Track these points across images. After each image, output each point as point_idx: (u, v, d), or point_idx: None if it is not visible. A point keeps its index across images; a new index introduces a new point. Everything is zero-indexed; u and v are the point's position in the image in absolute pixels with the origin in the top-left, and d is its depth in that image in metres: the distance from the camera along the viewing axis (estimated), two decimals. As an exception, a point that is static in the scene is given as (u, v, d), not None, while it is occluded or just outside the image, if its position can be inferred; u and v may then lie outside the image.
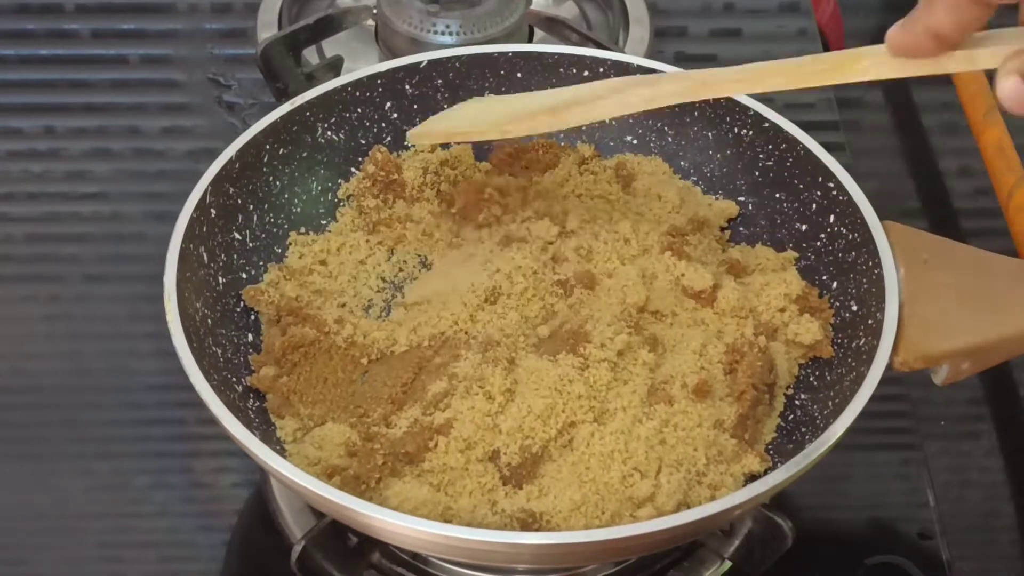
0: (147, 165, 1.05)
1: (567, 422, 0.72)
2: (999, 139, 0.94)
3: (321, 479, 0.67)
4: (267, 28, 1.07)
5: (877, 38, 0.64)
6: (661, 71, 0.87)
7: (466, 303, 0.79)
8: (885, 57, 0.65)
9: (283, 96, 0.94)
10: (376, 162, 0.86)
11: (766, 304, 0.79)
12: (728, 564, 0.75)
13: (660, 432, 0.72)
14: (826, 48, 1.13)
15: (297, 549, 0.71)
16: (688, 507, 0.69)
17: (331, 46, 1.05)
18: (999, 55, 0.60)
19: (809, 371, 0.78)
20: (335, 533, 0.72)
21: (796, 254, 0.83)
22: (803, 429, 0.75)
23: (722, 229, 0.86)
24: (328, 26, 1.02)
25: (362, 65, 0.90)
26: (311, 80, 0.96)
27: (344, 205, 0.87)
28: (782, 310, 0.79)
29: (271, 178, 0.84)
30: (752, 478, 0.72)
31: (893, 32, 0.63)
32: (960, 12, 0.60)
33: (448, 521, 0.68)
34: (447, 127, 0.82)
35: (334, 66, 1.00)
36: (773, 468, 0.72)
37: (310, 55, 1.03)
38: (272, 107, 0.85)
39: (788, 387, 0.78)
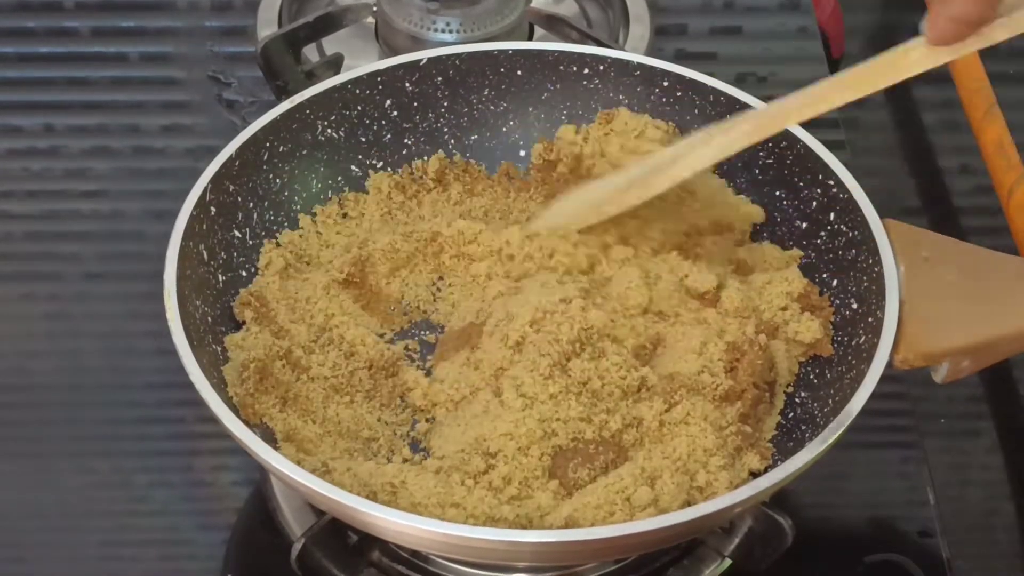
0: (147, 163, 1.05)
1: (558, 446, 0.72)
2: (999, 137, 0.94)
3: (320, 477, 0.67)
4: (267, 26, 1.07)
5: (877, 35, 0.64)
6: (664, 69, 0.88)
7: None
8: (929, 47, 0.66)
9: (283, 94, 0.94)
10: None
11: (768, 302, 0.79)
12: (728, 562, 0.75)
13: (660, 430, 0.72)
14: (826, 46, 1.13)
15: (297, 547, 0.71)
16: (689, 505, 0.69)
17: (331, 44, 1.04)
18: (1018, 23, 0.60)
19: (809, 369, 0.78)
20: (335, 531, 0.72)
21: (800, 252, 0.83)
22: (803, 427, 0.75)
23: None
24: (328, 24, 1.02)
25: (362, 63, 0.90)
26: (311, 78, 0.96)
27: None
28: (783, 308, 0.79)
29: (271, 176, 0.84)
30: (752, 475, 0.72)
31: (925, 27, 0.64)
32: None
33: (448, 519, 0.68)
34: (558, 221, 0.82)
35: (334, 64, 1.00)
36: (773, 466, 0.72)
37: (310, 53, 1.03)
38: (272, 105, 0.86)
39: (788, 385, 0.78)
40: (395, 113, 0.89)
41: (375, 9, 1.05)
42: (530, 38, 1.07)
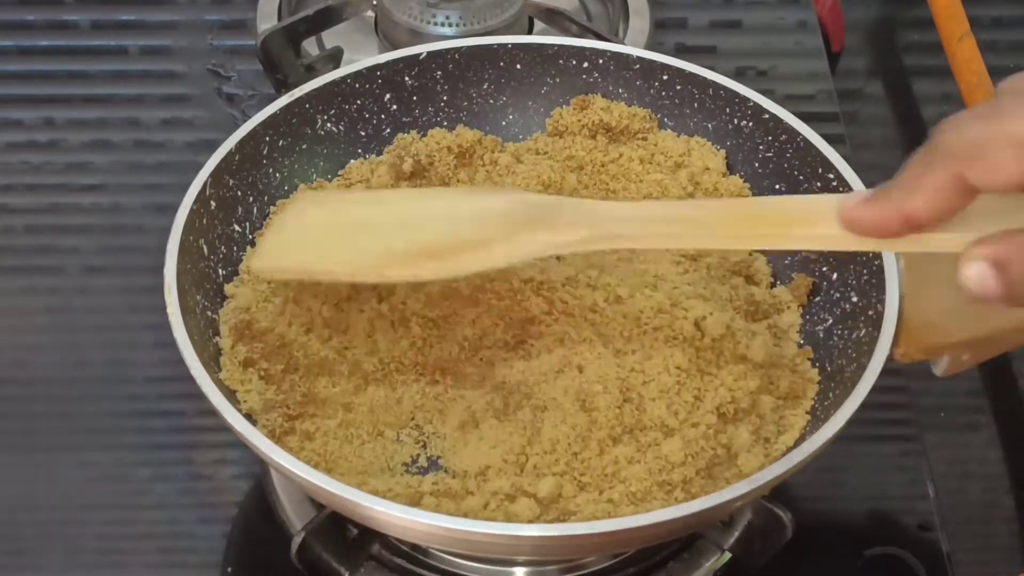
0: (147, 156, 1.05)
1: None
2: (999, 131, 0.93)
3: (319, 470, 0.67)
4: (267, 19, 1.07)
5: (877, 30, 0.63)
6: (664, 63, 0.88)
7: None
8: (837, 228, 0.57)
9: (283, 87, 0.94)
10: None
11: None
12: (728, 555, 0.75)
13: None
14: (826, 40, 1.12)
15: (297, 540, 0.71)
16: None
17: (331, 37, 1.04)
18: (961, 241, 0.54)
19: (809, 363, 0.78)
20: (335, 524, 0.72)
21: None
22: (803, 421, 0.75)
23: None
24: (328, 17, 1.02)
25: (362, 56, 0.90)
26: (311, 71, 0.96)
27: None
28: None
29: (271, 170, 0.84)
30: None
31: (856, 208, 0.56)
32: (943, 202, 0.53)
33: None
34: (303, 262, 0.71)
35: (334, 57, 1.00)
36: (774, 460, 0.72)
37: (310, 46, 1.03)
38: (272, 98, 0.86)
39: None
40: (395, 107, 0.89)
41: (375, 3, 1.05)
42: (530, 32, 1.07)
